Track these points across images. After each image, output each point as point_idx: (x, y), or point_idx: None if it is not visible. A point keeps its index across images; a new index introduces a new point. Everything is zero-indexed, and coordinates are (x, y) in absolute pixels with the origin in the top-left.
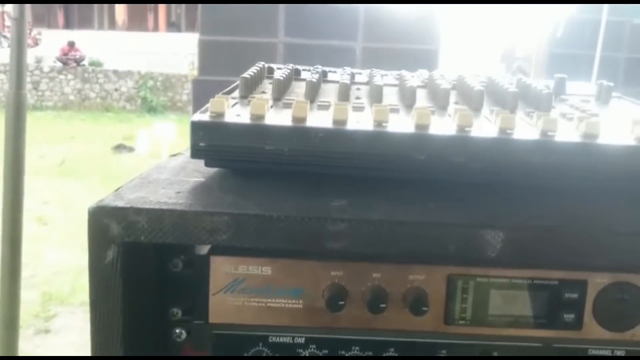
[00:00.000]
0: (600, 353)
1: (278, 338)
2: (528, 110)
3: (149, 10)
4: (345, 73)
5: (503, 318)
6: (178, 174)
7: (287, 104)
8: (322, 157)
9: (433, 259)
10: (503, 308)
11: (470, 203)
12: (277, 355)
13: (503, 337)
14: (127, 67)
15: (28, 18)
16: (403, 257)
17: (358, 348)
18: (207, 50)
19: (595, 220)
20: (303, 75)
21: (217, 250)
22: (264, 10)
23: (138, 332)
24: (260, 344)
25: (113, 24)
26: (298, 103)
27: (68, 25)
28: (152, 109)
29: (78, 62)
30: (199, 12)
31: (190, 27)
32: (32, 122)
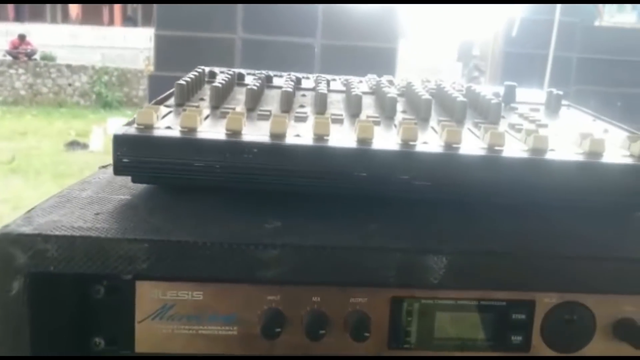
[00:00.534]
0: None
1: None
2: (477, 121)
3: (104, 4)
4: (290, 79)
5: (449, 341)
6: (102, 191)
7: (225, 114)
8: (256, 174)
9: (375, 282)
10: (449, 331)
11: (413, 223)
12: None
13: None
14: (81, 61)
15: None
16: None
17: None
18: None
19: (543, 242)
20: (247, 80)
21: (143, 274)
22: (222, 6)
23: None
24: None
25: (66, 17)
26: (233, 114)
27: (18, 18)
28: (107, 105)
29: (29, 56)
30: (155, 6)
31: (147, 21)
32: None
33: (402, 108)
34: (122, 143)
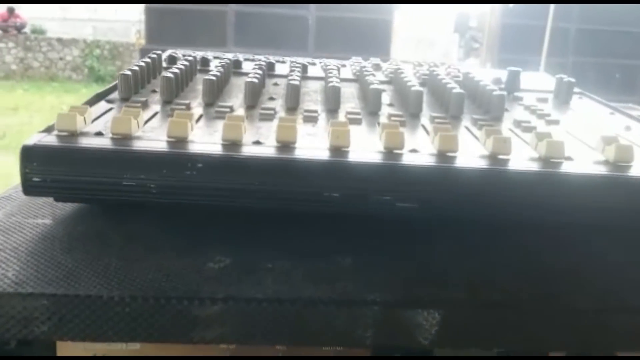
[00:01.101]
0: None
1: None
2: (476, 118)
3: None
4: (261, 64)
5: None
6: (19, 212)
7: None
8: (201, 195)
9: (348, 342)
10: None
11: (397, 259)
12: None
13: None
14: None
15: None
16: None
17: None
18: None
19: (557, 288)
20: (212, 67)
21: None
22: None
23: None
24: None
25: None
26: (178, 116)
27: None
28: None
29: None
30: None
31: None
32: None
33: (388, 100)
34: (31, 157)
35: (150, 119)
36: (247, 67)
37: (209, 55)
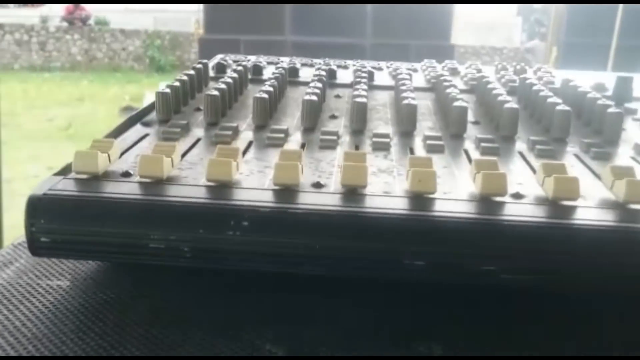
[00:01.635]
0: None
1: None
2: (588, 142)
3: None
4: (321, 72)
5: None
6: (31, 269)
7: (221, 139)
8: (247, 261)
9: None
10: None
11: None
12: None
13: None
14: (133, 25)
15: None
16: None
17: None
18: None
19: None
20: (265, 75)
21: None
22: None
23: None
24: None
25: None
26: (220, 152)
27: None
28: (160, 69)
29: (84, 21)
30: None
31: None
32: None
33: (472, 115)
34: (38, 211)
35: (190, 149)
36: (304, 74)
37: (262, 61)
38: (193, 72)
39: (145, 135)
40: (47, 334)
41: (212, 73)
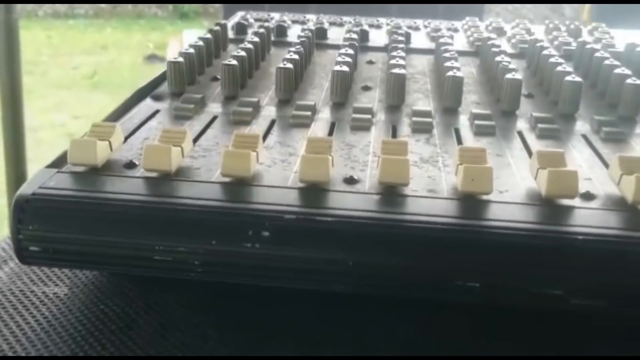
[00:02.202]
0: None
1: None
2: None
3: None
4: (352, 34)
5: None
6: (26, 272)
7: (240, 117)
8: (267, 277)
9: None
10: None
11: None
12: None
13: None
14: None
15: None
16: None
17: None
18: None
19: None
20: (290, 35)
21: None
22: None
23: None
24: None
25: None
26: (237, 142)
27: None
28: (184, 16)
29: None
30: None
31: None
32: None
33: (525, 88)
34: (26, 216)
35: (205, 130)
36: (333, 35)
37: (287, 20)
38: (210, 35)
39: (156, 112)
40: (41, 351)
41: (231, 34)
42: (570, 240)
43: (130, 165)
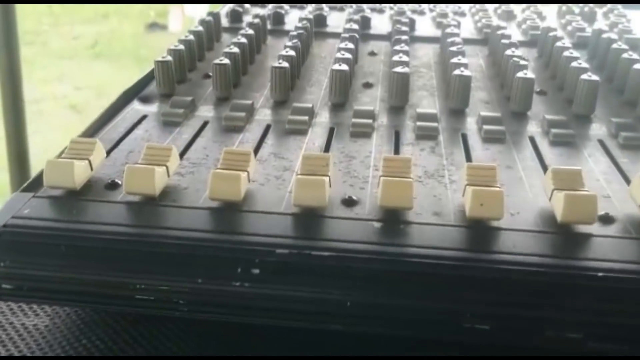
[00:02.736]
0: None
1: None
2: None
3: None
4: (352, 24)
5: None
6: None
7: (233, 122)
8: (258, 316)
9: None
10: None
11: None
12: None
13: None
14: None
15: None
16: None
17: None
18: None
19: None
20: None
21: None
22: None
23: None
24: None
25: None
26: (225, 161)
27: None
28: None
29: None
30: None
31: None
32: None
33: (537, 84)
34: None
35: (195, 139)
36: (333, 22)
37: (284, 7)
38: (201, 28)
39: (143, 119)
40: None
41: (225, 22)
42: (589, 278)
43: (112, 186)
